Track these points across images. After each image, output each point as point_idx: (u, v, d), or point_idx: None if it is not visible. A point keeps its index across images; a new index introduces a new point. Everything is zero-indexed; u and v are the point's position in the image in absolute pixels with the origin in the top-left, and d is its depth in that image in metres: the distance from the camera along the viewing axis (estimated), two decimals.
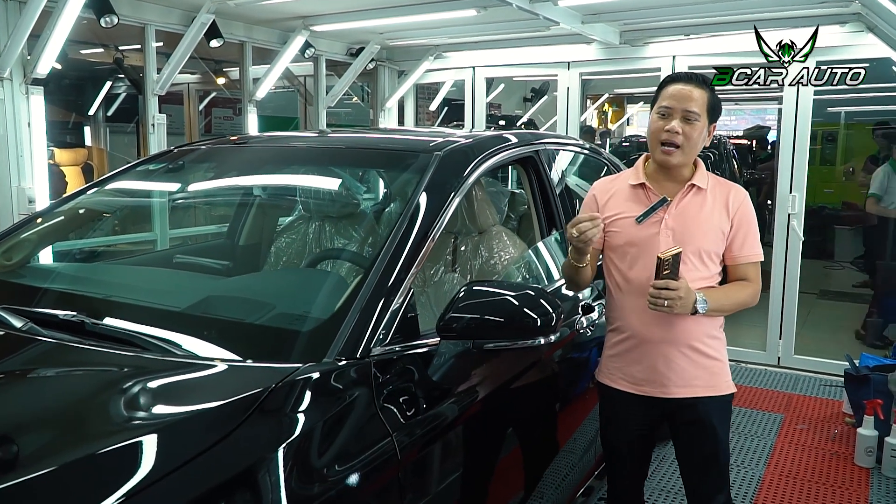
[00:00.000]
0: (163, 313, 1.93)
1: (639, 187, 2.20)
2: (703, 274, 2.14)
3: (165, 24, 4.78)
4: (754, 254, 2.19)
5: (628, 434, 2.27)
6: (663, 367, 2.15)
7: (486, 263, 2.81)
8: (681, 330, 2.13)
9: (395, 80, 6.80)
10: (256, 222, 3.24)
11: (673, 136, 2.10)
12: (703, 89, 2.14)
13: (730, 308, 2.17)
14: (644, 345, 2.17)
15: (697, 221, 2.14)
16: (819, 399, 4.60)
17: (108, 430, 1.40)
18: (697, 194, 2.16)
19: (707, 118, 2.14)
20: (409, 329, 1.79)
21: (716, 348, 2.19)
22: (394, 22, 5.19)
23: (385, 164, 2.66)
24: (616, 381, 2.24)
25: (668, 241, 2.11)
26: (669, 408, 2.20)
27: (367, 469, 1.50)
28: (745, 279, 2.19)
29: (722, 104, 2.24)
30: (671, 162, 2.13)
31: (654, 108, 2.19)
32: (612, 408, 2.30)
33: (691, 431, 2.22)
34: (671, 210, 2.14)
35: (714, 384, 2.18)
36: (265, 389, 1.44)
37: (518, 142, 2.69)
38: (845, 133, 8.76)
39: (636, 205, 2.18)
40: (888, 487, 3.45)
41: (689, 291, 2.02)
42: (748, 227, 2.18)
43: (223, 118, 9.13)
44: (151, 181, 2.91)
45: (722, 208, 2.16)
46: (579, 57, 5.87)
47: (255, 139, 2.95)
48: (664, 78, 2.23)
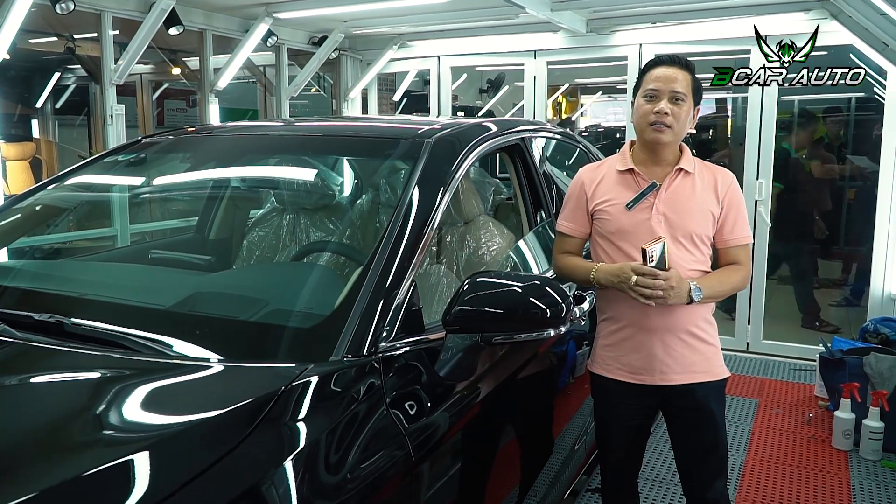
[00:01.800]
0: (148, 312, 1.81)
1: (627, 173, 2.17)
2: (696, 258, 2.13)
3: (122, 11, 4.57)
4: (744, 236, 2.18)
5: (623, 424, 2.24)
6: (662, 353, 2.12)
7: (473, 254, 2.74)
8: (678, 316, 2.11)
9: (358, 70, 6.67)
10: (228, 215, 3.11)
11: (662, 117, 2.09)
12: (687, 71, 2.14)
13: (723, 293, 2.17)
14: (641, 333, 2.14)
15: (688, 205, 2.12)
16: (791, 383, 4.67)
17: (102, 445, 1.28)
18: (686, 178, 2.15)
19: (692, 99, 2.14)
20: (414, 324, 1.71)
21: (710, 333, 2.19)
22: (360, 9, 5.07)
23: (369, 152, 2.56)
24: (612, 371, 2.20)
25: (661, 225, 2.10)
26: (666, 395, 2.17)
27: (382, 471, 1.42)
28: (736, 262, 2.18)
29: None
30: (663, 139, 2.11)
31: (638, 91, 2.18)
32: (607, 399, 2.25)
33: (690, 418, 2.20)
34: (661, 194, 2.12)
35: (710, 369, 2.17)
36: (275, 393, 1.35)
37: (503, 129, 2.63)
38: (798, 121, 8.96)
39: (625, 190, 2.16)
40: (868, 469, 3.50)
41: (681, 281, 2.01)
42: (738, 210, 2.17)
43: (176, 110, 8.85)
44: (115, 174, 2.76)
45: (711, 191, 2.15)
46: (546, 45, 5.83)
47: (229, 129, 2.82)
48: (648, 62, 2.22)
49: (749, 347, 5.25)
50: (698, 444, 2.22)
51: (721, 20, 5.11)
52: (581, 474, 2.82)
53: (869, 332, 4.18)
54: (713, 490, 2.24)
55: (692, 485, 2.29)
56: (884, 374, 3.62)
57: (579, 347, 2.61)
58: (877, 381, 3.64)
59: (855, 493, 3.28)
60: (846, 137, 7.37)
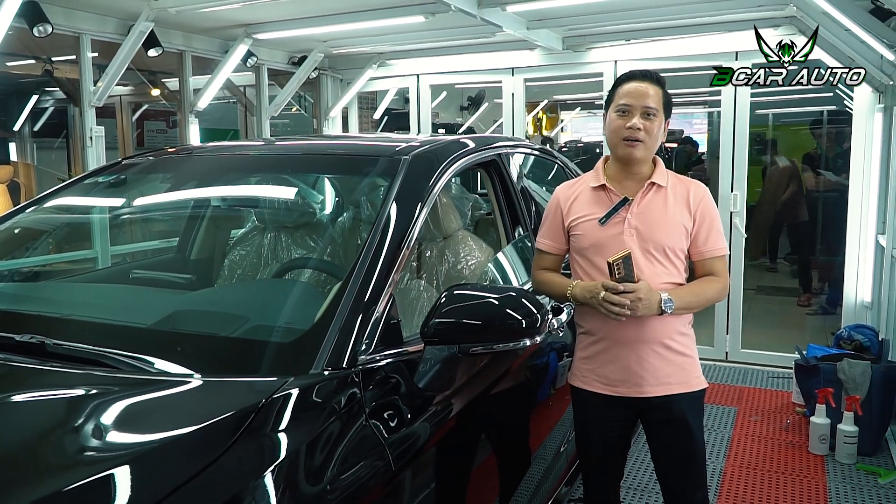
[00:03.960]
0: (129, 330, 1.83)
1: (600, 189, 2.21)
2: (668, 270, 2.15)
3: (101, 34, 4.60)
4: (719, 248, 2.19)
5: (604, 436, 2.26)
6: (636, 366, 2.14)
7: (452, 269, 2.78)
8: (652, 329, 2.12)
9: (338, 89, 6.72)
10: (209, 235, 3.13)
11: (635, 132, 2.12)
12: (658, 86, 2.17)
13: (698, 305, 2.18)
14: (617, 346, 2.16)
15: (660, 219, 2.15)
16: (769, 391, 4.73)
17: (82, 461, 1.30)
18: (658, 192, 2.18)
19: (663, 114, 2.17)
20: (393, 336, 1.75)
21: (686, 345, 2.20)
22: (338, 29, 5.12)
23: (349, 169, 2.60)
24: (590, 383, 2.23)
25: (633, 239, 2.13)
26: (643, 407, 2.19)
27: (363, 482, 1.45)
28: (712, 273, 2.20)
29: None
30: (635, 155, 2.14)
31: (610, 106, 2.21)
32: (586, 411, 2.28)
33: (667, 430, 2.22)
34: (633, 209, 2.15)
35: (686, 380, 2.18)
36: (255, 406, 1.37)
37: (480, 146, 2.68)
38: (773, 134, 9.12)
39: (598, 206, 2.19)
40: (843, 473, 3.56)
41: (650, 292, 2.03)
42: (711, 222, 2.19)
43: (156, 131, 8.86)
44: (95, 196, 2.78)
45: (683, 205, 2.18)
46: (523, 63, 5.92)
47: (209, 149, 2.85)
48: (619, 76, 2.25)
49: (728, 357, 5.32)
50: (676, 456, 2.24)
51: (693, 37, 5.23)
52: (563, 485, 2.85)
53: (843, 339, 4.25)
54: (690, 484, 2.25)
55: (672, 497, 2.30)
56: (856, 380, 3.70)
57: (560, 359, 2.65)
58: (850, 386, 3.71)
59: (831, 496, 3.34)
60: (823, 149, 7.54)
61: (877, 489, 3.40)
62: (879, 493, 3.36)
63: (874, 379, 3.69)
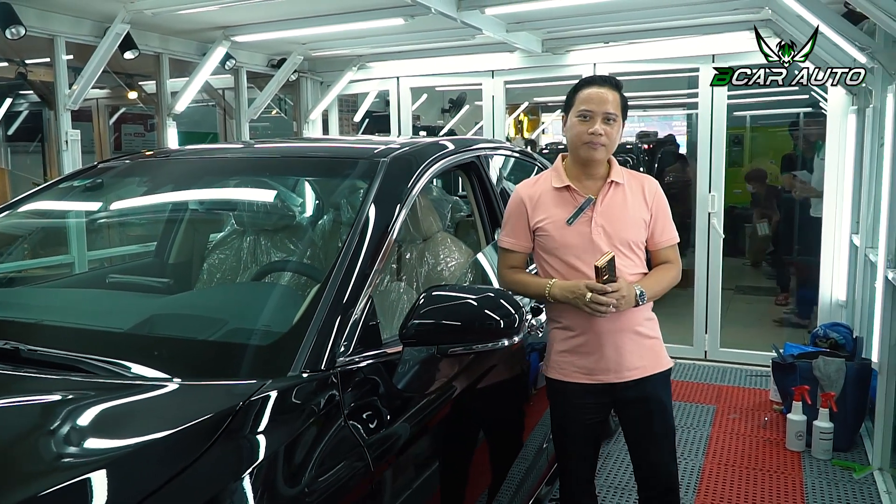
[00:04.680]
0: (106, 335, 1.82)
1: (563, 190, 2.30)
2: (634, 263, 2.28)
3: (76, 36, 4.55)
4: (672, 237, 2.37)
5: (581, 424, 2.35)
6: (614, 353, 2.26)
7: (432, 270, 2.79)
8: (626, 318, 2.25)
9: (318, 92, 6.70)
10: (187, 239, 3.11)
11: (597, 138, 2.22)
12: (616, 91, 2.28)
13: (661, 291, 2.33)
14: (595, 338, 2.27)
15: (622, 215, 2.28)
16: (747, 389, 4.78)
17: (58, 466, 1.29)
18: (617, 189, 2.30)
19: (621, 117, 2.29)
20: (371, 338, 1.75)
21: (653, 328, 2.36)
22: (318, 32, 5.11)
23: (328, 172, 2.60)
24: (569, 374, 2.31)
25: (601, 237, 2.23)
26: (620, 390, 2.31)
27: (342, 484, 1.45)
28: (668, 261, 2.36)
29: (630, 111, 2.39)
30: (597, 157, 2.26)
31: (571, 110, 2.29)
32: (565, 401, 2.35)
33: (642, 407, 2.33)
34: (597, 208, 2.26)
35: (657, 361, 2.34)
36: (233, 408, 1.37)
37: (460, 147, 2.69)
38: (751, 136, 9.23)
39: (564, 207, 2.29)
40: (820, 469, 3.61)
41: (629, 287, 2.17)
42: (665, 214, 2.35)
43: (134, 134, 8.77)
44: (71, 200, 2.75)
45: (640, 199, 2.31)
46: (503, 65, 5.94)
47: (187, 152, 2.83)
48: (579, 81, 2.34)
49: (707, 356, 5.36)
50: (651, 431, 2.35)
51: (671, 40, 5.29)
52: (544, 484, 2.87)
53: (819, 337, 4.32)
54: (666, 475, 2.38)
55: (648, 470, 2.40)
56: (831, 377, 3.75)
57: (540, 358, 2.67)
58: (825, 383, 3.76)
59: (808, 491, 3.39)
60: (800, 151, 7.64)
61: (852, 484, 3.45)
62: (854, 488, 3.41)
63: (849, 376, 3.75)
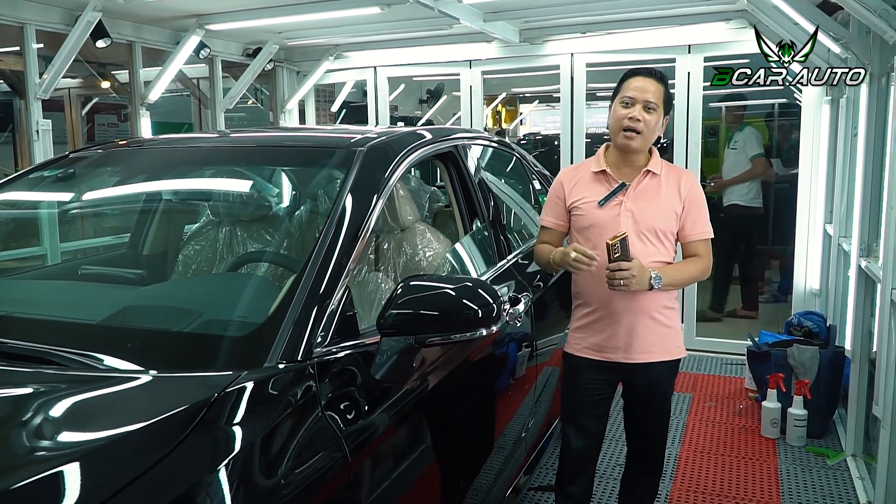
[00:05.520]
0: (78, 327, 1.79)
1: (600, 174, 2.43)
2: (658, 251, 2.36)
3: (46, 24, 4.45)
4: (703, 231, 2.42)
5: (585, 399, 2.49)
6: (626, 335, 2.38)
7: (410, 261, 2.77)
8: (641, 302, 2.36)
9: (294, 82, 6.64)
10: (162, 230, 3.07)
11: (635, 122, 2.33)
12: (660, 83, 2.38)
13: (682, 282, 2.42)
14: (609, 316, 2.40)
15: (653, 203, 2.37)
16: (722, 377, 4.84)
17: (31, 459, 1.27)
18: (653, 179, 2.40)
19: (663, 109, 2.38)
20: (349, 328, 1.74)
21: (671, 317, 2.44)
22: (293, 20, 5.05)
23: (304, 161, 2.58)
24: (581, 350, 2.47)
25: (628, 221, 2.33)
26: (626, 371, 2.44)
27: (320, 474, 1.44)
28: (696, 255, 2.42)
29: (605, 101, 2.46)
30: (632, 145, 2.35)
31: (615, 98, 2.41)
32: (576, 374, 2.50)
33: (644, 391, 2.48)
34: (629, 193, 2.37)
35: (667, 349, 2.44)
36: (208, 400, 1.35)
37: (437, 137, 2.68)
38: (726, 127, 9.30)
39: (598, 189, 2.42)
40: (794, 455, 3.66)
41: (642, 270, 2.24)
42: (698, 209, 2.42)
43: (107, 125, 8.63)
44: (42, 190, 2.70)
45: (674, 191, 2.40)
46: (480, 55, 5.92)
47: (161, 141, 2.79)
48: (626, 72, 2.44)
49: None
50: (646, 414, 2.54)
51: (648, 30, 5.30)
52: (522, 473, 2.88)
53: (793, 326, 4.37)
54: (651, 458, 2.60)
55: (632, 451, 2.64)
56: (805, 364, 3.80)
57: (519, 348, 2.67)
58: (799, 370, 3.81)
59: (782, 478, 3.44)
60: (775, 141, 7.71)
61: (825, 470, 3.51)
62: (828, 474, 3.47)
63: (822, 364, 3.80)
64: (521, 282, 2.76)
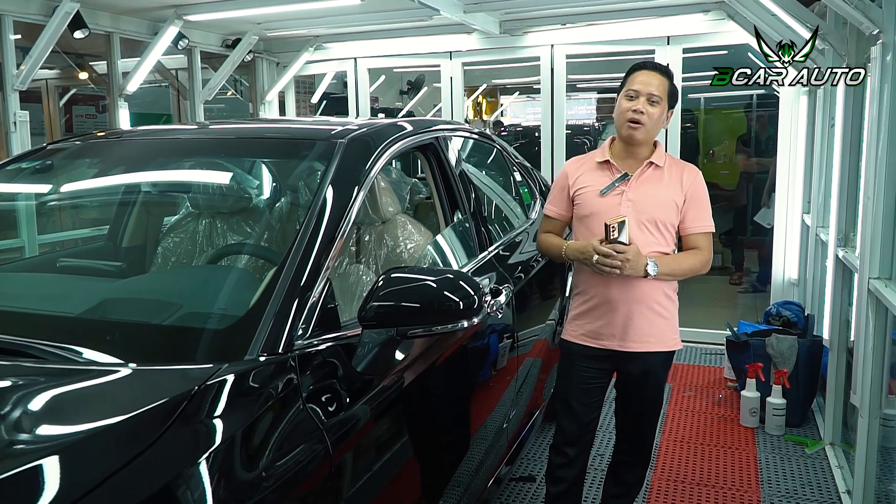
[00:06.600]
0: (57, 320, 1.77)
1: (604, 164, 2.49)
2: (657, 241, 2.40)
3: (24, 14, 4.38)
4: (704, 225, 2.46)
5: (580, 386, 2.54)
6: (622, 323, 2.42)
7: (391, 253, 2.77)
8: (639, 291, 2.39)
9: (274, 73, 6.59)
10: (141, 222, 3.04)
11: (638, 114, 2.38)
12: (665, 77, 2.43)
13: (680, 273, 2.44)
14: (607, 304, 2.43)
15: (654, 194, 2.41)
16: (702, 367, 4.89)
17: (8, 453, 1.25)
18: (655, 171, 2.44)
19: (667, 103, 2.42)
20: (330, 321, 1.74)
21: (668, 309, 2.48)
22: (273, 11, 5.01)
23: (284, 153, 2.57)
24: (578, 336, 2.53)
25: (629, 211, 2.37)
26: (622, 359, 2.48)
27: (300, 467, 1.44)
28: (697, 247, 2.46)
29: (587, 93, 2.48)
30: (636, 136, 2.40)
31: (621, 91, 2.45)
32: (571, 360, 2.56)
33: (638, 379, 2.51)
34: (631, 184, 2.42)
35: (663, 340, 2.47)
36: (188, 392, 1.35)
37: (418, 129, 2.67)
38: (705, 118, 9.36)
39: (601, 179, 2.46)
40: (773, 444, 3.71)
41: (638, 255, 2.29)
42: (700, 202, 2.46)
43: (85, 116, 8.54)
44: (20, 182, 2.67)
45: (677, 184, 2.44)
46: (461, 47, 5.91)
47: (140, 133, 2.76)
48: (632, 66, 2.48)
49: None
50: (638, 404, 2.59)
51: (627, 21, 5.31)
52: (504, 464, 2.89)
53: (772, 315, 4.42)
54: (640, 447, 2.65)
55: (621, 439, 2.69)
56: (784, 354, 3.85)
57: (500, 340, 2.68)
58: (778, 360, 3.86)
59: (761, 466, 3.48)
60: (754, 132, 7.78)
61: (804, 458, 3.56)
62: (807, 463, 3.52)
63: (801, 353, 3.85)
64: (502, 273, 2.77)
